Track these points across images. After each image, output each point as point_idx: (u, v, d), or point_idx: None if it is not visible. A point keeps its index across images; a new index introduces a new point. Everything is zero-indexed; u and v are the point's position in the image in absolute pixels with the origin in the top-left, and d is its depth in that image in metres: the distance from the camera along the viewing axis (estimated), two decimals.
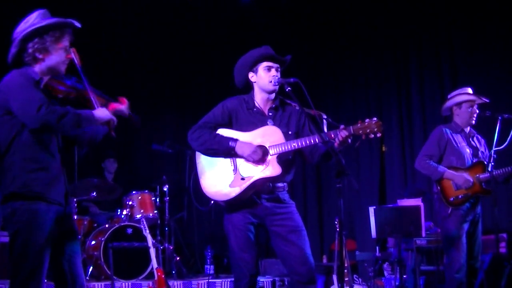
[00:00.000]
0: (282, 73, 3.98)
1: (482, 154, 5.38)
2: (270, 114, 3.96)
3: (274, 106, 3.98)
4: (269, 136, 3.80)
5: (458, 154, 5.29)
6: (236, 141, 3.77)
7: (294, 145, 3.73)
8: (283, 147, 3.75)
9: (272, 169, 3.74)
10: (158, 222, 7.12)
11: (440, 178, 5.25)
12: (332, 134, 3.66)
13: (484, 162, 5.28)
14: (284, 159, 3.80)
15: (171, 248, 7.16)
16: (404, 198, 6.91)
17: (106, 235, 6.34)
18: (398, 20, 8.42)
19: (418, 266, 6.24)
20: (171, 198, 7.40)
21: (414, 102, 8.31)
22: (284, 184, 3.87)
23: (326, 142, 3.60)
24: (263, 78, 3.91)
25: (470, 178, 5.16)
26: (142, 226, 5.82)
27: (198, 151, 3.93)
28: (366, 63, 8.92)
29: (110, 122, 3.28)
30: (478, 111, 5.37)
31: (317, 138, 3.67)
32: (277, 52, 3.98)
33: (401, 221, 5.92)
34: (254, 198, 3.79)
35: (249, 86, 4.04)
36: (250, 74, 3.97)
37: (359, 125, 3.65)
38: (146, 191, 7.11)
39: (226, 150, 3.77)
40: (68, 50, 3.22)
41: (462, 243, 5.12)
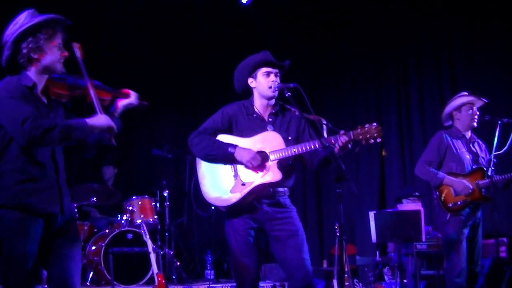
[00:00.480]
0: (281, 75, 3.99)
1: (483, 160, 5.37)
2: (270, 119, 3.97)
3: (273, 111, 3.99)
4: (269, 141, 3.81)
5: (458, 160, 5.28)
6: (235, 147, 3.77)
7: (295, 150, 3.74)
8: (284, 153, 3.75)
9: (272, 174, 3.75)
10: (158, 227, 7.12)
11: (439, 184, 5.25)
12: (332, 139, 3.67)
13: (483, 169, 5.27)
14: (284, 165, 3.80)
15: (171, 253, 7.17)
16: (402, 202, 6.91)
17: (106, 240, 6.34)
18: (397, 21, 8.45)
19: (418, 270, 6.23)
20: (171, 203, 7.40)
21: (413, 106, 8.32)
22: (285, 189, 3.88)
23: (326, 147, 3.60)
24: (262, 84, 3.92)
25: (470, 185, 5.16)
26: (142, 231, 5.82)
27: (198, 157, 3.93)
28: (365, 65, 8.93)
29: (110, 130, 3.13)
30: (478, 113, 5.36)
31: (317, 143, 3.67)
32: (276, 53, 3.98)
33: (401, 225, 5.92)
34: (254, 203, 3.79)
35: (248, 91, 4.05)
36: (250, 80, 3.98)
37: (359, 130, 3.66)
38: (146, 196, 7.11)
39: (226, 156, 3.77)
40: (61, 48, 3.13)
41: (462, 248, 5.11)
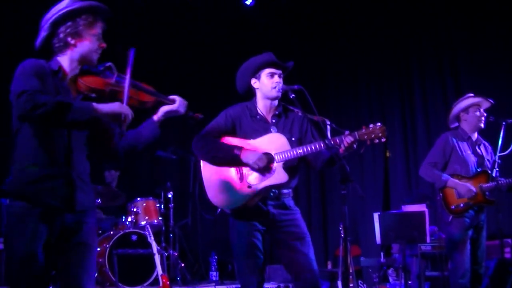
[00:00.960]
0: (284, 76, 3.99)
1: (488, 162, 5.36)
2: (273, 121, 3.97)
3: (277, 113, 3.99)
4: (274, 143, 3.81)
5: (463, 162, 5.28)
6: (241, 149, 3.75)
7: (300, 151, 3.74)
8: (289, 154, 3.75)
9: (278, 176, 3.75)
10: (163, 228, 7.13)
11: (443, 186, 5.25)
12: (337, 140, 3.67)
13: (488, 172, 5.26)
14: (289, 166, 3.80)
15: (176, 254, 7.17)
16: (406, 204, 6.91)
17: (111, 242, 6.35)
18: (400, 22, 8.47)
19: (423, 272, 6.23)
20: (176, 205, 7.41)
21: (417, 106, 8.32)
22: (289, 190, 3.88)
23: (331, 148, 3.60)
24: (266, 85, 3.92)
25: (473, 188, 5.15)
26: (146, 233, 5.83)
27: (204, 160, 3.92)
28: (369, 66, 8.94)
29: (122, 116, 2.84)
30: (486, 114, 5.36)
31: (322, 144, 3.67)
32: (279, 55, 3.99)
33: (405, 227, 5.91)
34: (260, 204, 3.79)
35: (251, 93, 4.05)
36: (253, 81, 3.98)
37: (364, 130, 3.67)
38: (151, 198, 7.12)
39: (232, 159, 3.76)
40: (100, 38, 2.98)
41: (466, 249, 5.11)
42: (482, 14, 7.72)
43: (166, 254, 6.86)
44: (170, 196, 7.32)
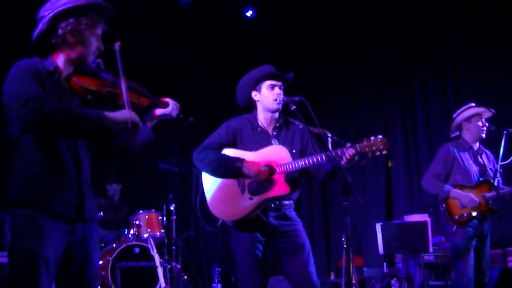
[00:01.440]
0: (284, 88, 4.00)
1: (491, 172, 5.35)
2: (274, 133, 3.98)
3: (277, 125, 4.00)
4: (275, 155, 3.82)
5: (465, 172, 5.28)
6: (242, 161, 3.76)
7: (302, 163, 3.74)
8: (290, 166, 3.76)
9: (279, 188, 3.76)
10: (165, 241, 7.11)
11: (446, 197, 5.25)
12: (339, 152, 3.68)
13: (490, 181, 5.25)
14: (290, 178, 3.81)
15: (179, 267, 7.15)
16: (412, 213, 6.90)
17: (114, 255, 6.33)
18: (400, 32, 8.49)
19: (426, 282, 6.22)
20: (178, 217, 7.40)
21: (419, 115, 8.32)
22: (290, 201, 3.89)
23: (332, 160, 3.61)
24: (267, 97, 3.93)
25: (476, 198, 5.14)
26: (149, 246, 5.83)
27: (205, 172, 3.93)
28: (370, 76, 8.96)
29: (133, 125, 2.68)
30: (488, 124, 5.36)
31: (324, 156, 3.67)
32: (280, 67, 4.00)
33: (408, 236, 5.91)
34: (261, 216, 3.80)
35: (251, 105, 4.06)
36: (253, 93, 3.99)
37: (365, 142, 3.67)
38: (153, 210, 7.11)
39: (233, 171, 3.77)
40: (99, 40, 2.79)
41: (470, 258, 5.10)
42: (484, 23, 7.73)
43: (168, 266, 6.84)
44: (172, 208, 7.30)
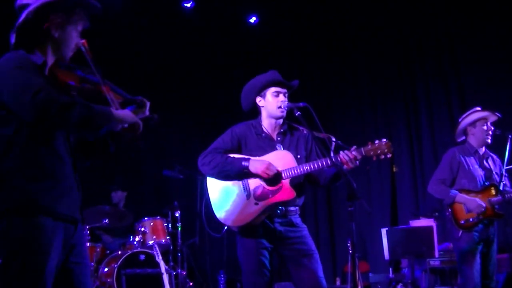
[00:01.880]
0: (289, 94, 4.00)
1: (496, 176, 5.34)
2: (279, 138, 3.99)
3: (282, 131, 4.01)
4: (280, 160, 3.82)
5: (470, 176, 5.26)
6: (248, 160, 3.77)
7: (307, 168, 3.74)
8: (296, 171, 3.76)
9: (285, 193, 3.76)
10: (171, 248, 7.11)
11: (452, 202, 5.23)
12: (340, 155, 3.68)
13: (496, 185, 5.23)
14: (296, 183, 3.81)
15: (184, 273, 7.15)
16: (419, 218, 6.89)
17: (119, 262, 6.33)
18: (404, 36, 8.51)
19: (432, 287, 6.20)
20: (183, 224, 7.41)
21: (423, 120, 8.34)
22: (296, 208, 3.88)
23: (337, 165, 3.61)
24: (271, 103, 3.94)
25: (483, 203, 5.12)
26: (154, 252, 5.83)
27: (210, 175, 3.93)
28: (374, 81, 9.00)
29: (135, 127, 2.59)
30: (493, 128, 5.36)
31: (328, 160, 3.68)
32: (284, 72, 4.01)
33: (413, 242, 5.90)
34: (267, 222, 3.80)
35: (256, 111, 4.07)
36: (258, 99, 4.00)
37: (370, 146, 3.67)
38: (158, 217, 7.11)
39: (240, 170, 3.77)
40: (79, 37, 2.65)
41: (476, 263, 5.08)
42: (488, 28, 7.74)
43: (174, 273, 6.83)
44: (177, 215, 7.31)
